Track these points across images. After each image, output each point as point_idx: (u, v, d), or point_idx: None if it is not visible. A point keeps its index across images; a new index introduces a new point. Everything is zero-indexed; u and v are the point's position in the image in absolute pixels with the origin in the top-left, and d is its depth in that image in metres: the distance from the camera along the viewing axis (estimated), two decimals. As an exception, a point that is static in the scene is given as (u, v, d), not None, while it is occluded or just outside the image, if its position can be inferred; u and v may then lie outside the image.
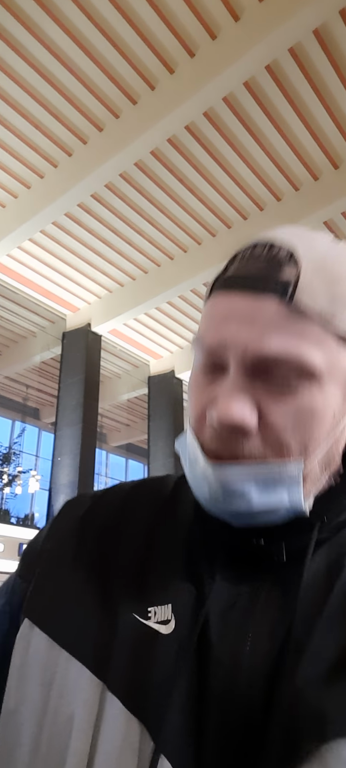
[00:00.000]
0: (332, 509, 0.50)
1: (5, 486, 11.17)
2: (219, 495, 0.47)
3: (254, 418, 0.46)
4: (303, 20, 4.63)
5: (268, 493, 0.46)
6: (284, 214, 7.06)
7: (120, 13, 4.93)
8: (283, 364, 0.45)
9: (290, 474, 0.46)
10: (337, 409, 0.48)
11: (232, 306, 0.48)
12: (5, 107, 5.82)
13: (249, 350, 0.46)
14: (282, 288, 0.46)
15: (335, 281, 0.47)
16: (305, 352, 0.45)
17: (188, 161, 6.54)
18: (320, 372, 0.46)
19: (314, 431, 0.46)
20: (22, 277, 8.64)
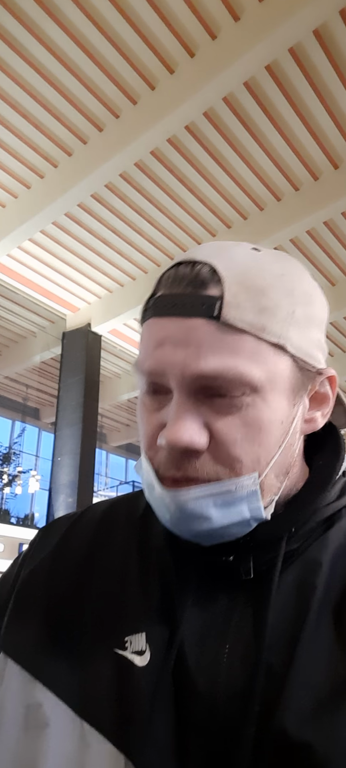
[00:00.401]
0: (299, 519, 0.50)
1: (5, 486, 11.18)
2: (179, 519, 0.47)
3: (203, 437, 0.46)
4: (303, 20, 4.63)
5: (227, 510, 0.47)
6: (284, 214, 7.06)
7: (120, 13, 4.93)
8: (222, 380, 0.46)
9: (246, 488, 0.47)
10: (284, 416, 0.49)
11: (165, 331, 0.48)
12: (5, 107, 5.82)
13: (187, 372, 0.46)
14: (209, 307, 0.46)
15: (261, 293, 0.48)
16: (241, 365, 0.46)
17: (188, 161, 6.53)
18: (261, 384, 0.47)
19: (263, 442, 0.47)
20: (22, 277, 8.63)
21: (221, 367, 0.46)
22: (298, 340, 0.49)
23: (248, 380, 0.46)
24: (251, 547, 0.49)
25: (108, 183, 6.63)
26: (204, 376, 0.46)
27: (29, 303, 9.33)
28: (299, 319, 0.50)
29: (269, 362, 0.47)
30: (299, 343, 0.49)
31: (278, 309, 0.48)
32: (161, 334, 0.49)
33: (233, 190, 6.98)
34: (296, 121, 6.04)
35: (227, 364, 0.46)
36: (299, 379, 0.50)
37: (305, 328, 0.50)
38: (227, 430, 0.47)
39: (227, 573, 0.50)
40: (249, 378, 0.46)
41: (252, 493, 0.47)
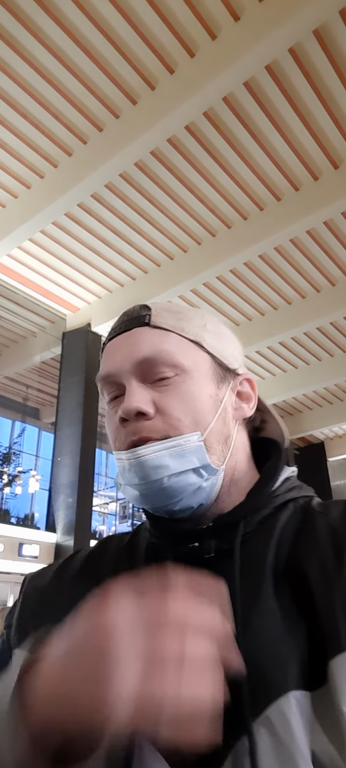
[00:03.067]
0: (253, 506, 0.63)
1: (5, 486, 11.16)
2: (144, 473, 0.60)
3: (150, 407, 0.62)
4: (303, 20, 4.63)
5: (180, 459, 0.60)
6: (284, 214, 7.06)
7: (120, 13, 4.93)
8: (159, 362, 0.63)
9: (193, 443, 0.61)
10: (211, 392, 0.65)
11: (114, 345, 0.67)
12: (5, 107, 5.82)
13: (133, 361, 0.63)
14: (143, 319, 0.66)
15: (177, 313, 0.68)
16: (171, 351, 0.63)
17: (188, 161, 6.53)
18: (187, 367, 0.64)
19: (197, 408, 0.63)
20: (22, 277, 8.63)
21: (156, 349, 0.63)
22: (212, 343, 0.67)
23: (177, 362, 0.63)
24: (213, 532, 0.62)
25: (108, 183, 6.63)
26: (145, 358, 0.63)
27: (29, 303, 9.33)
28: (210, 330, 0.68)
29: (191, 353, 0.65)
30: (213, 344, 0.67)
31: (191, 321, 0.68)
32: (113, 348, 0.67)
33: (233, 190, 6.98)
34: (296, 121, 6.04)
35: (160, 348, 0.63)
36: (220, 372, 0.67)
37: (218, 339, 0.68)
38: (168, 401, 0.62)
39: (195, 557, 0.62)
40: (177, 360, 0.63)
41: (198, 447, 0.62)
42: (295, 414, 14.00)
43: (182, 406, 0.62)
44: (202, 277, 8.02)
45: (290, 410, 13.85)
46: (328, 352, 11.02)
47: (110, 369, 0.66)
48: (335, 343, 10.67)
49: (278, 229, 7.13)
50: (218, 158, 6.50)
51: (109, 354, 0.67)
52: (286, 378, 11.75)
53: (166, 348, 0.64)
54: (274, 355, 11.04)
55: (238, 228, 7.53)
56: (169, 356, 0.63)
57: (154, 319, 0.66)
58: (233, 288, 8.92)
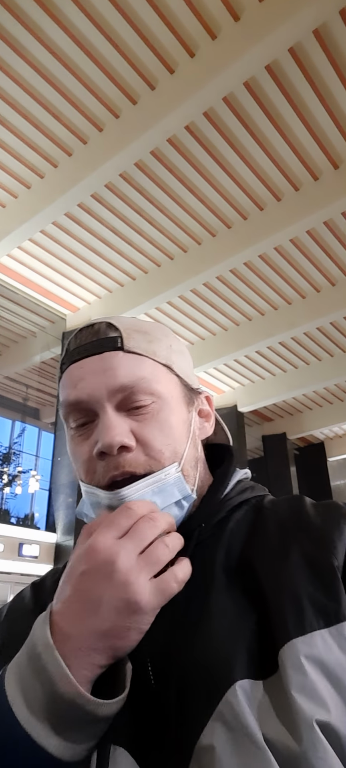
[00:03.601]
0: (207, 513, 0.64)
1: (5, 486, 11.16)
2: None
3: (131, 438, 0.60)
4: (303, 20, 4.63)
5: (163, 494, 0.60)
6: (284, 214, 7.06)
7: (120, 13, 4.93)
8: (136, 390, 0.61)
9: (173, 475, 0.61)
10: (185, 418, 0.65)
11: (84, 368, 0.63)
12: (5, 107, 5.82)
13: (110, 389, 0.61)
14: (115, 342, 0.63)
15: (146, 333, 0.65)
16: (147, 378, 0.62)
17: (188, 161, 6.53)
18: (164, 394, 0.63)
19: (175, 437, 0.62)
20: (22, 277, 8.63)
21: (135, 377, 0.61)
22: (180, 365, 0.67)
23: (154, 389, 0.62)
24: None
25: (108, 183, 6.63)
26: (123, 386, 0.61)
27: (29, 303, 9.33)
28: (175, 350, 0.68)
29: (165, 378, 0.64)
30: (180, 366, 0.67)
31: (160, 342, 0.66)
32: (81, 372, 0.63)
33: (233, 190, 6.98)
34: (296, 121, 6.04)
35: (137, 375, 0.61)
36: (187, 394, 0.67)
37: (181, 359, 0.68)
38: (148, 431, 0.61)
39: None
40: (155, 387, 0.62)
41: (178, 479, 0.61)
42: (295, 414, 14.01)
43: (162, 436, 0.61)
44: (202, 277, 8.02)
45: (290, 410, 13.85)
46: (328, 352, 11.02)
47: (81, 396, 0.61)
48: (335, 343, 10.66)
49: (278, 229, 7.13)
50: (218, 158, 6.50)
51: (78, 378, 0.62)
52: (286, 378, 11.74)
53: (143, 376, 0.61)
54: (274, 355, 11.04)
55: (238, 228, 7.53)
56: (147, 384, 0.61)
57: (127, 343, 0.63)
58: (233, 288, 8.91)
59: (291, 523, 0.61)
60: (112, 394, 0.61)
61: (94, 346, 0.63)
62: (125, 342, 0.63)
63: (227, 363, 10.99)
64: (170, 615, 0.55)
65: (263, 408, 13.17)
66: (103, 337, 0.63)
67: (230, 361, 10.92)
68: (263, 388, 12.09)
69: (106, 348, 0.63)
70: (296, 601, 0.53)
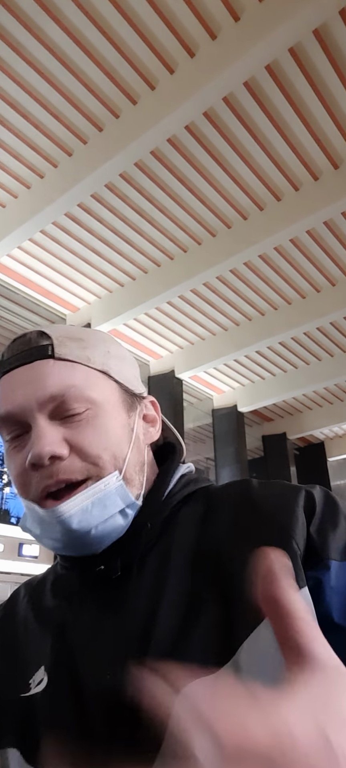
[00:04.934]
0: (151, 512, 0.62)
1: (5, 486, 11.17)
2: (66, 528, 0.57)
3: (63, 448, 0.58)
4: (303, 20, 4.63)
5: (104, 505, 0.58)
6: (284, 214, 7.06)
7: (120, 13, 4.93)
8: (68, 397, 0.59)
9: (113, 484, 0.59)
10: (124, 422, 0.63)
11: (14, 379, 0.61)
12: (5, 107, 5.82)
13: (40, 400, 0.59)
14: (45, 350, 0.61)
15: (80, 340, 0.64)
16: (80, 385, 0.60)
17: (188, 161, 6.53)
18: (99, 400, 0.61)
19: (113, 442, 0.60)
20: (22, 277, 8.63)
21: (64, 386, 0.59)
22: (117, 370, 0.65)
23: (88, 396, 0.60)
24: (117, 549, 0.61)
25: (108, 183, 6.63)
26: (53, 396, 0.59)
27: (29, 303, 9.33)
28: (114, 356, 0.66)
29: (100, 384, 0.62)
30: (119, 371, 0.66)
31: (96, 348, 0.64)
32: (12, 382, 0.61)
33: (233, 190, 6.98)
34: (296, 121, 6.04)
35: (68, 383, 0.60)
36: (128, 399, 0.66)
37: (121, 365, 0.67)
38: (83, 437, 0.59)
39: (102, 579, 0.61)
40: (88, 394, 0.60)
41: (119, 487, 0.59)
42: (295, 414, 14.01)
43: (98, 441, 0.59)
44: (202, 277, 8.02)
45: (290, 410, 13.85)
46: (328, 352, 11.02)
47: (11, 408, 0.60)
48: (335, 343, 10.66)
49: (278, 229, 7.13)
50: (218, 158, 6.50)
51: (8, 390, 0.61)
52: (286, 378, 11.74)
53: (74, 383, 0.60)
54: (274, 355, 11.04)
55: (238, 228, 7.53)
56: (78, 392, 0.59)
57: (58, 350, 0.61)
58: (232, 288, 8.92)
59: (243, 507, 0.59)
60: (42, 403, 0.59)
61: (24, 355, 0.61)
62: (57, 349, 0.61)
63: (227, 363, 10.99)
64: (123, 622, 0.55)
65: (263, 408, 13.16)
66: (34, 345, 0.62)
67: (230, 361, 10.92)
68: (263, 388, 12.09)
69: (37, 356, 0.61)
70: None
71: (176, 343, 10.63)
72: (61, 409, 0.59)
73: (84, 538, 0.58)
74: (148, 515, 0.62)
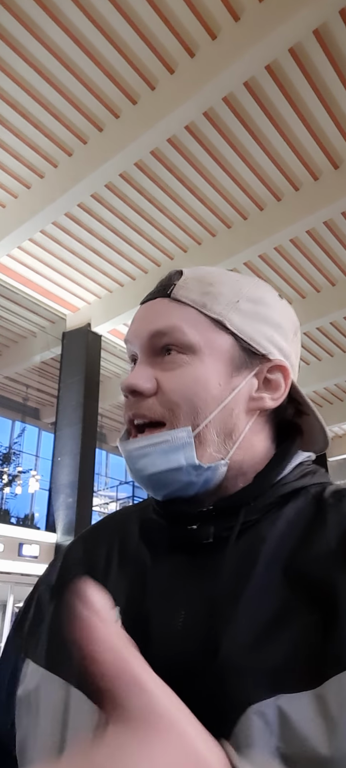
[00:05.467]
0: (255, 492, 0.59)
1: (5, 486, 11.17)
2: (132, 464, 0.59)
3: (148, 383, 0.59)
4: (303, 20, 4.63)
5: (166, 456, 0.57)
6: (284, 214, 7.06)
7: (120, 13, 4.93)
8: (169, 336, 0.59)
9: (181, 440, 0.57)
10: (222, 380, 0.59)
11: (139, 312, 0.65)
12: (5, 107, 5.82)
13: (144, 335, 0.61)
14: (165, 290, 0.63)
15: (208, 285, 0.62)
16: (184, 326, 0.59)
17: (188, 161, 6.53)
18: (199, 347, 0.59)
19: (199, 395, 0.58)
20: (22, 277, 8.63)
21: (168, 326, 0.59)
22: (240, 324, 0.61)
23: (188, 341, 0.59)
24: (213, 516, 0.58)
25: (108, 183, 6.63)
26: (154, 333, 0.60)
27: (29, 303, 9.33)
28: (243, 309, 0.61)
29: (209, 333, 0.60)
30: (242, 326, 0.61)
31: (220, 296, 0.61)
32: (136, 315, 0.65)
33: (233, 190, 6.98)
34: (296, 121, 6.04)
35: (172, 323, 0.59)
36: (242, 356, 0.61)
37: (251, 319, 0.62)
38: (169, 380, 0.59)
39: (192, 541, 0.58)
40: (187, 340, 0.59)
41: (186, 444, 0.57)
42: (295, 414, 14.01)
43: (183, 391, 0.58)
44: (202, 277, 8.02)
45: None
46: (328, 352, 11.02)
47: (129, 337, 0.64)
48: (335, 343, 10.66)
49: (278, 229, 7.13)
50: (218, 158, 6.50)
51: (133, 320, 0.65)
52: (286, 378, 11.74)
53: (178, 326, 0.59)
54: (274, 355, 11.04)
55: (238, 228, 7.53)
56: (180, 335, 0.59)
57: (176, 291, 0.61)
58: (233, 288, 8.92)
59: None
60: (146, 339, 0.61)
61: (154, 292, 0.65)
62: (175, 290, 0.61)
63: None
64: (204, 590, 0.54)
65: (263, 408, 13.17)
66: (165, 283, 0.64)
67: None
68: (263, 388, 12.09)
69: (158, 294, 0.63)
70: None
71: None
72: (161, 348, 0.60)
73: (146, 477, 0.59)
74: (251, 493, 0.59)
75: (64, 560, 0.70)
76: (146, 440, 0.58)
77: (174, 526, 0.60)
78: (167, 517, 0.61)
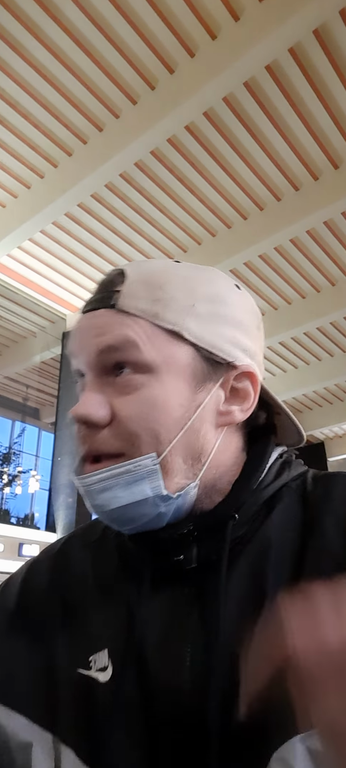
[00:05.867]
0: (238, 503, 0.53)
1: (5, 486, 11.17)
2: (93, 500, 0.52)
3: (101, 411, 0.52)
4: (303, 20, 4.63)
5: (130, 488, 0.50)
6: (284, 214, 7.06)
7: (120, 13, 4.92)
8: (120, 353, 0.52)
9: (145, 467, 0.50)
10: (183, 399, 0.52)
11: (78, 325, 0.56)
12: (5, 107, 5.82)
13: (91, 352, 0.53)
14: (109, 299, 0.54)
15: (158, 288, 0.53)
16: (136, 340, 0.51)
17: (188, 161, 6.53)
18: (155, 365, 0.52)
19: (160, 420, 0.51)
20: (22, 277, 8.63)
21: (118, 342, 0.52)
22: (199, 331, 0.53)
23: (142, 359, 0.51)
24: (195, 537, 0.52)
25: (108, 183, 6.63)
26: (103, 351, 0.52)
27: (29, 303, 9.33)
28: (200, 313, 0.54)
29: (165, 347, 0.52)
30: (201, 333, 0.53)
31: (173, 301, 0.53)
32: (76, 328, 0.57)
33: (233, 190, 6.98)
34: (296, 121, 6.04)
35: (124, 335, 0.51)
36: (204, 368, 0.54)
37: (209, 323, 0.54)
38: (124, 407, 0.52)
39: (178, 570, 0.53)
40: (143, 358, 0.51)
41: (152, 472, 0.50)
42: (295, 414, 13.87)
43: (141, 418, 0.51)
44: (202, 277, 8.03)
45: (290, 410, 13.83)
46: (328, 352, 11.02)
47: (72, 349, 0.57)
48: (335, 343, 10.66)
49: (278, 229, 7.13)
50: (218, 158, 6.50)
51: (76, 331, 0.57)
52: (286, 378, 11.75)
53: (130, 341, 0.51)
54: (274, 355, 11.04)
55: (238, 228, 7.53)
56: (134, 350, 0.51)
57: (123, 301, 0.53)
58: (233, 288, 8.92)
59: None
60: (94, 356, 0.53)
61: (96, 300, 0.56)
62: (121, 299, 0.53)
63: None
64: (206, 625, 0.48)
65: (263, 408, 13.16)
66: (105, 291, 0.55)
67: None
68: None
69: (101, 305, 0.55)
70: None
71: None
72: (112, 368, 0.53)
73: (110, 513, 0.52)
74: (233, 505, 0.53)
75: (23, 584, 0.63)
76: (105, 472, 0.51)
77: (157, 557, 0.54)
78: (145, 548, 0.55)
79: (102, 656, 0.51)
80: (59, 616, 0.57)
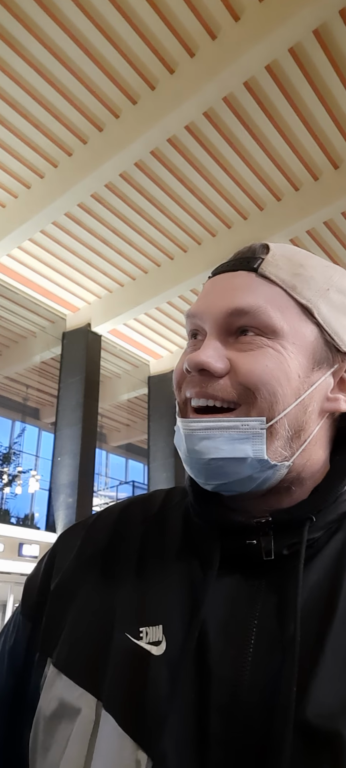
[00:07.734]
0: (319, 506, 0.53)
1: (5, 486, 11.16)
2: (192, 444, 0.52)
3: (219, 363, 0.52)
4: (303, 20, 4.63)
5: (233, 444, 0.51)
6: (284, 214, 7.06)
7: (120, 13, 4.93)
8: (250, 316, 0.52)
9: (252, 429, 0.51)
10: (302, 372, 0.53)
11: (214, 284, 0.57)
12: (5, 107, 5.82)
13: (222, 309, 0.53)
14: (252, 263, 0.55)
15: (298, 266, 0.55)
16: (270, 308, 0.52)
17: (188, 161, 6.53)
18: (283, 332, 0.52)
19: (281, 381, 0.51)
20: (22, 277, 8.64)
21: (252, 304, 0.52)
22: (327, 315, 0.54)
23: (272, 324, 0.52)
24: (272, 528, 0.52)
25: (108, 183, 6.63)
26: (236, 310, 0.53)
27: (29, 303, 9.33)
28: (332, 299, 0.55)
29: (295, 319, 0.53)
30: (329, 318, 0.54)
31: (312, 280, 0.55)
32: (210, 286, 0.57)
33: (233, 190, 6.98)
34: (296, 121, 6.04)
35: (257, 302, 0.52)
36: (324, 350, 0.54)
37: (338, 311, 0.55)
38: (247, 361, 0.52)
39: (248, 557, 0.52)
40: (273, 323, 0.52)
41: (258, 435, 0.51)
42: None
43: (264, 373, 0.51)
44: (202, 277, 8.02)
45: None
46: None
47: (196, 309, 0.56)
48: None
49: (278, 229, 7.13)
50: (218, 158, 6.50)
51: (206, 291, 0.57)
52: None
53: (263, 306, 0.52)
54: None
55: (238, 228, 7.53)
56: (264, 316, 0.52)
57: (264, 267, 0.54)
58: (233, 288, 8.92)
59: None
60: (222, 317, 0.53)
61: (236, 263, 0.57)
62: (264, 266, 0.54)
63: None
64: (278, 640, 0.47)
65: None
66: (249, 255, 0.56)
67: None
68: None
69: (243, 267, 0.55)
70: None
71: (176, 343, 10.65)
72: (239, 327, 0.53)
73: (206, 464, 0.52)
74: (313, 506, 0.52)
75: (87, 534, 0.63)
76: (213, 422, 0.51)
77: (229, 537, 0.53)
78: (217, 525, 0.54)
79: (156, 630, 0.50)
80: (115, 579, 0.57)
